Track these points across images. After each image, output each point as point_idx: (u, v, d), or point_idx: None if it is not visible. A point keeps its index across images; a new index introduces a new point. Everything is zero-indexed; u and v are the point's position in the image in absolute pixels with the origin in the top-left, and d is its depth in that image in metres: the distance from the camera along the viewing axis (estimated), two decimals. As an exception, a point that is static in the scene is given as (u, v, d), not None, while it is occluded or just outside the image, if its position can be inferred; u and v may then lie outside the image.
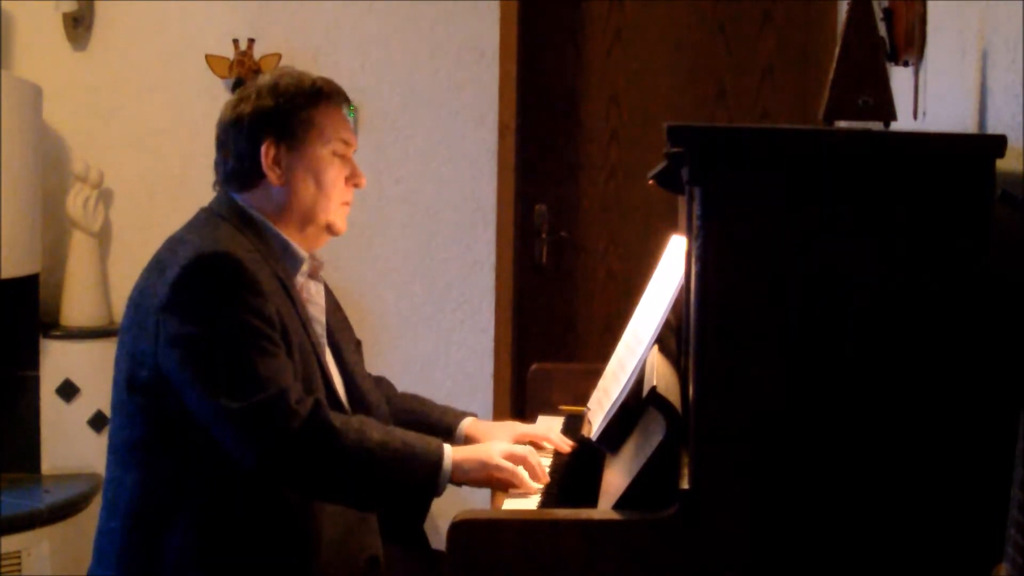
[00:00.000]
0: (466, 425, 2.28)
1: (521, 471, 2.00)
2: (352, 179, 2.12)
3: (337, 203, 2.10)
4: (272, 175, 2.04)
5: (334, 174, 2.08)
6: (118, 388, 1.99)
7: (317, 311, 2.11)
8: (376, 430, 1.93)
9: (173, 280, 1.89)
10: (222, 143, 2.08)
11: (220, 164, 2.09)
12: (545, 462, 2.17)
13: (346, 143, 2.10)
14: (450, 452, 1.97)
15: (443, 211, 3.92)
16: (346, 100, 2.14)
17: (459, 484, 1.99)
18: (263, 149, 2.04)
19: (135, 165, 3.96)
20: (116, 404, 2.00)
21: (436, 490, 1.95)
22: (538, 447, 2.25)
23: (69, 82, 3.93)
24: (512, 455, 2.02)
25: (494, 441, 2.12)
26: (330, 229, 2.11)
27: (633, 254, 3.96)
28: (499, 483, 2.01)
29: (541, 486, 2.03)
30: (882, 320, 1.58)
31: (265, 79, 2.09)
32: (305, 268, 2.08)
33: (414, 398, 2.37)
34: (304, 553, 1.95)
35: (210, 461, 1.91)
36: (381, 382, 2.38)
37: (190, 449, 1.91)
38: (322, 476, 1.90)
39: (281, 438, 1.84)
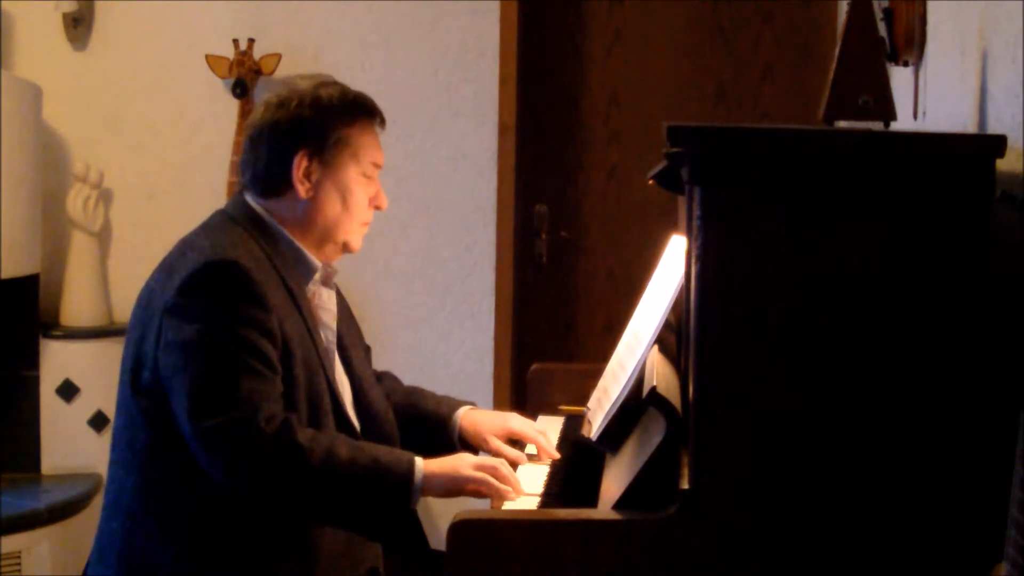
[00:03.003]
0: (461, 414, 2.27)
1: (492, 480, 1.98)
2: (374, 200, 2.11)
3: (358, 223, 2.09)
4: (301, 188, 2.02)
5: (360, 195, 2.07)
6: (123, 388, 1.99)
7: (328, 318, 2.10)
8: (345, 447, 1.91)
9: (180, 284, 1.89)
10: (254, 143, 2.06)
11: (248, 164, 2.07)
12: (542, 470, 2.17)
13: (376, 165, 2.10)
14: (421, 467, 1.95)
15: (443, 211, 3.92)
16: (382, 121, 2.13)
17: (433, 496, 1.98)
18: (295, 160, 2.02)
19: (135, 165, 3.96)
20: (120, 404, 2.00)
21: (408, 505, 1.94)
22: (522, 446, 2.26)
23: (69, 82, 3.93)
24: (481, 466, 1.99)
25: (463, 454, 2.10)
26: (346, 247, 2.10)
27: (633, 254, 3.96)
28: (471, 494, 1.99)
29: (514, 494, 2.02)
30: (882, 320, 1.58)
31: (307, 87, 2.07)
32: (318, 277, 2.08)
33: (413, 391, 2.36)
34: (304, 563, 1.94)
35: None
36: (385, 377, 2.38)
37: (191, 454, 1.91)
38: (289, 495, 1.90)
39: (246, 458, 1.84)
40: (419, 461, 1.96)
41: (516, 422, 2.25)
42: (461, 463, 2.00)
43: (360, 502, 1.92)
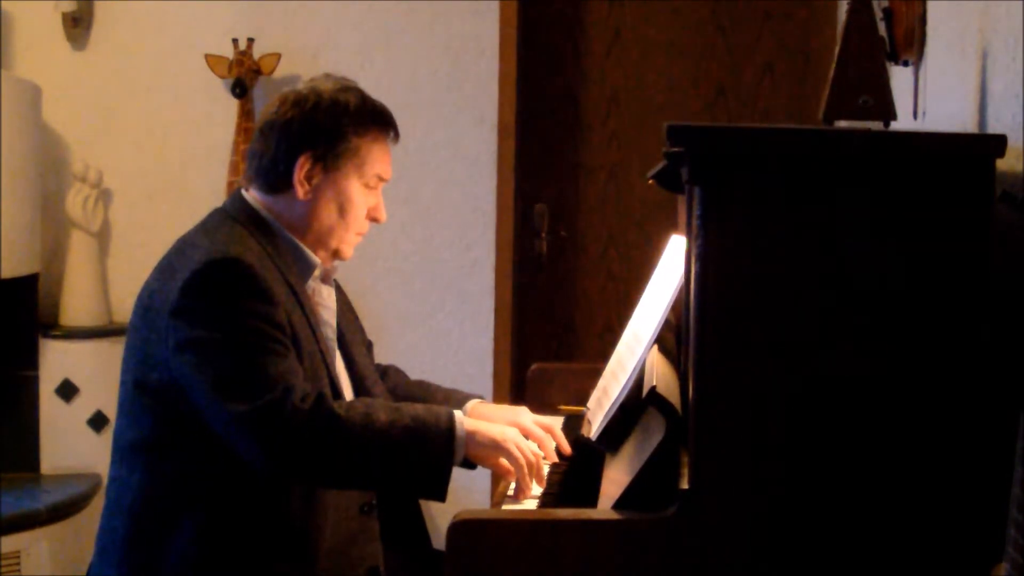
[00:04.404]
0: (470, 408, 2.24)
1: (525, 471, 1.97)
2: (373, 212, 2.10)
3: (353, 233, 2.08)
4: (300, 189, 2.02)
5: (359, 205, 2.06)
6: (126, 388, 1.98)
7: (328, 315, 2.10)
8: (383, 410, 1.91)
9: (183, 284, 1.88)
10: (264, 137, 2.04)
11: (255, 156, 2.06)
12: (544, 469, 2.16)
13: (380, 178, 2.09)
14: (462, 420, 1.94)
15: (443, 211, 3.92)
16: (396, 135, 2.11)
17: (469, 460, 1.96)
18: (299, 161, 2.01)
19: (135, 165, 3.96)
20: (123, 404, 1.99)
21: (452, 458, 1.92)
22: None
23: (69, 82, 3.93)
24: (524, 453, 1.97)
25: (510, 427, 2.04)
26: (337, 255, 2.09)
27: (633, 254, 3.96)
28: (497, 468, 1.98)
29: (539, 489, 2.02)
30: (882, 320, 1.58)
31: (327, 89, 2.05)
32: (317, 273, 2.07)
33: (420, 385, 2.35)
34: (304, 561, 1.94)
35: (215, 465, 1.91)
36: (391, 371, 2.37)
37: (195, 452, 1.91)
38: (334, 466, 1.89)
39: (287, 437, 1.84)
40: (459, 415, 1.95)
41: (526, 418, 2.17)
42: (507, 434, 1.98)
43: (405, 463, 1.90)
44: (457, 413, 1.96)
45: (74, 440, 3.78)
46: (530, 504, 1.97)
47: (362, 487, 2.02)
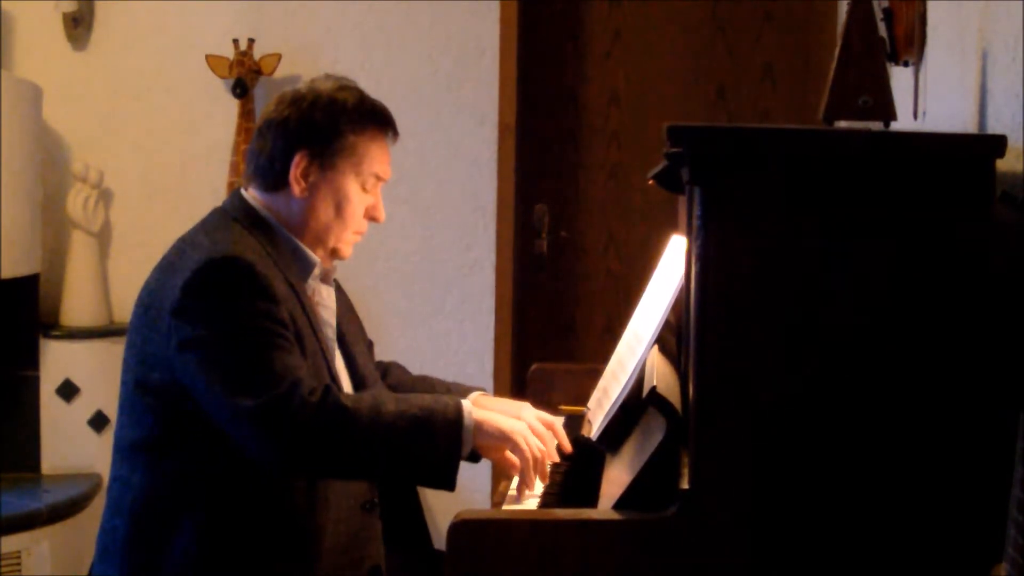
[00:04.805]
0: (471, 400, 2.24)
1: (531, 464, 1.96)
2: (371, 211, 2.09)
3: (351, 232, 2.08)
4: (296, 187, 2.02)
5: (356, 205, 2.06)
6: (127, 388, 1.98)
7: (328, 314, 2.10)
8: (391, 401, 1.91)
9: (184, 284, 1.88)
10: (262, 135, 2.05)
11: (254, 155, 2.06)
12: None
13: (378, 178, 2.08)
14: (470, 410, 1.93)
15: (443, 211, 3.92)
16: (395, 133, 2.11)
17: (475, 453, 1.95)
18: (295, 159, 2.01)
19: (135, 165, 3.96)
20: (124, 403, 1.99)
21: (461, 448, 1.90)
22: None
23: (69, 82, 3.93)
24: (530, 446, 1.95)
25: (518, 420, 2.02)
26: (335, 254, 2.09)
27: (633, 254, 3.96)
28: (501, 461, 1.96)
29: (541, 486, 2.02)
30: (882, 320, 1.58)
31: (326, 88, 2.05)
32: (317, 272, 2.07)
33: (422, 380, 2.35)
34: (306, 560, 1.94)
35: (216, 464, 1.91)
36: (392, 367, 2.37)
37: (198, 451, 1.91)
38: (343, 458, 1.89)
39: (295, 430, 1.84)
40: (467, 404, 1.94)
41: (529, 414, 2.12)
42: (515, 426, 1.97)
43: (413, 453, 1.90)
44: (465, 403, 1.95)
45: (75, 440, 3.78)
46: (530, 504, 1.97)
47: (371, 478, 2.02)
